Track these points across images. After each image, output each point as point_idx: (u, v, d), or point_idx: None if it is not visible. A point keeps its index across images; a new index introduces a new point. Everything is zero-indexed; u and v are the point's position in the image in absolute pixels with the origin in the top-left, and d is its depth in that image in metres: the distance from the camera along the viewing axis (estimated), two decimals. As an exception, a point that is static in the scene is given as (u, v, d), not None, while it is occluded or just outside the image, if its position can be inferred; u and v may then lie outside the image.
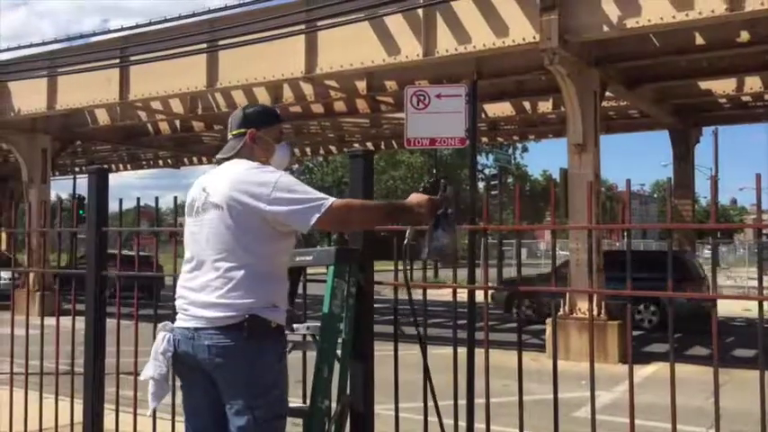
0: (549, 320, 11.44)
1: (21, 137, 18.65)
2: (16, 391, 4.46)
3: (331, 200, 2.62)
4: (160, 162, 27.61)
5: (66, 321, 4.23)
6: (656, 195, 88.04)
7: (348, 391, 2.89)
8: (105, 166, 28.11)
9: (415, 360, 3.20)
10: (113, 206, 4.17)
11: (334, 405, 2.82)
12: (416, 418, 3.27)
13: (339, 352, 2.85)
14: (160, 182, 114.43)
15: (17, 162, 22.49)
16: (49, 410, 4.16)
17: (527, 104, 17.19)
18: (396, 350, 3.29)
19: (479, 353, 4.51)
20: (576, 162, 11.66)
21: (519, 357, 3.11)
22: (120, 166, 29.11)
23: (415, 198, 2.79)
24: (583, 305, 11.00)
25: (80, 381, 3.97)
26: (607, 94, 13.25)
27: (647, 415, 5.87)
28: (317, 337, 2.84)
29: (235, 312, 2.58)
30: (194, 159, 27.05)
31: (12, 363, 4.43)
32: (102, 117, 18.32)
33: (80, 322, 3.96)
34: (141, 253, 4.42)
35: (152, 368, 2.68)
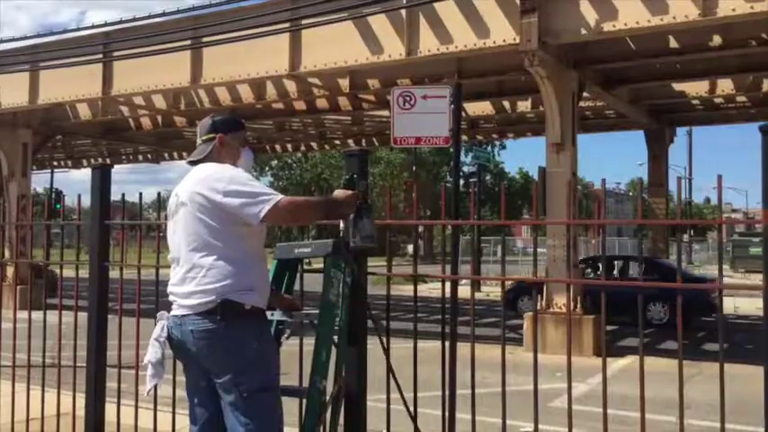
0: (526, 315, 11.75)
1: (1, 131, 18.58)
2: (3, 382, 4.58)
3: (280, 196, 2.86)
4: (140, 157, 27.56)
5: (49, 316, 4.37)
6: (631, 194, 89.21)
7: (343, 374, 3.10)
8: (108, 161, 28.02)
9: (406, 353, 3.40)
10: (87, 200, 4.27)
11: (330, 386, 3.04)
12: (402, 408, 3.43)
13: (336, 337, 3.07)
14: (138, 176, 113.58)
15: (-3, 155, 22.39)
16: (36, 401, 4.28)
17: (506, 104, 17.50)
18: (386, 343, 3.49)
19: (462, 346, 4.73)
20: (554, 160, 11.95)
21: (503, 351, 3.25)
22: (100, 160, 29.01)
23: (341, 192, 3.10)
24: (560, 299, 11.32)
25: (66, 373, 4.11)
26: (584, 94, 13.57)
27: (620, 405, 6.12)
28: (315, 324, 3.05)
29: (211, 297, 2.83)
30: (174, 154, 27.04)
31: None
32: (84, 112, 18.32)
33: (66, 316, 4.13)
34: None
35: (150, 353, 2.96)
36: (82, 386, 4.08)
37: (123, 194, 4.21)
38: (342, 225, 3.18)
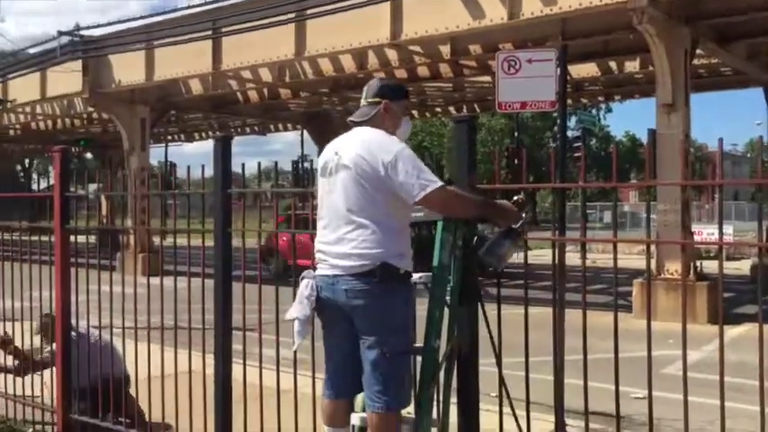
0: (635, 281, 11.48)
1: (121, 107, 19.68)
2: (130, 342, 4.95)
3: (440, 183, 2.95)
4: (247, 129, 28.48)
5: (167, 282, 4.62)
6: (749, 155, 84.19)
7: (456, 334, 3.21)
8: (229, 133, 29.19)
9: (513, 319, 3.42)
10: (197, 173, 4.49)
11: (444, 345, 3.16)
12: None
13: (448, 298, 3.17)
14: (245, 148, 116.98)
15: (115, 132, 23.72)
16: (168, 359, 4.59)
17: (613, 64, 16.91)
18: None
19: (569, 312, 4.70)
20: (665, 122, 11.53)
21: (615, 315, 3.19)
22: (210, 133, 30.20)
23: (508, 204, 3.14)
24: (672, 265, 10.98)
25: (187, 334, 4.38)
26: (698, 51, 12.94)
27: (737, 373, 5.94)
28: (429, 286, 3.16)
29: (367, 261, 2.96)
30: (280, 126, 27.80)
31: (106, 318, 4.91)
32: (196, 87, 19.12)
33: (182, 282, 4.38)
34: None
35: (297, 310, 3.09)
36: (203, 347, 4.33)
37: (243, 164, 4.44)
38: (483, 226, 3.20)
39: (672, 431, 5.00)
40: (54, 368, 5.34)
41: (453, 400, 3.25)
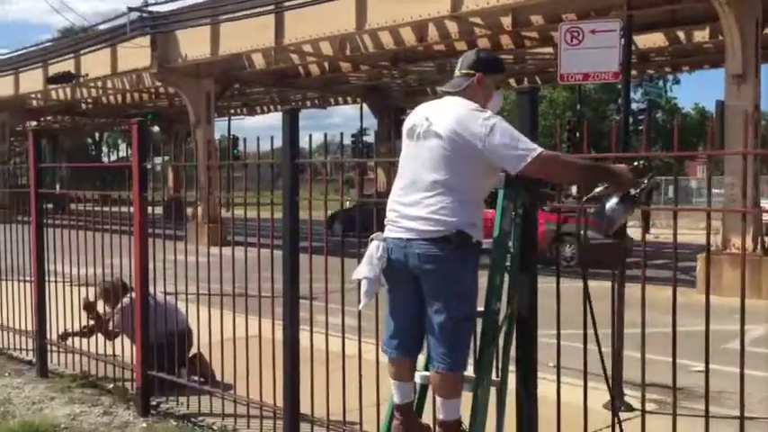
0: (699, 256, 11.31)
1: (187, 81, 20.19)
2: (202, 308, 5.22)
3: (540, 150, 2.97)
4: (308, 103, 28.80)
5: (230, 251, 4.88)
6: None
7: (516, 298, 3.33)
8: (279, 107, 29.63)
9: (570, 292, 3.48)
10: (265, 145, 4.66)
11: (504, 309, 3.28)
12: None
13: (508, 264, 3.29)
14: (304, 122, 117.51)
15: (181, 106, 24.34)
16: (228, 325, 4.81)
17: (681, 34, 16.46)
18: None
19: (629, 286, 4.72)
20: (733, 93, 11.25)
21: (674, 288, 3.23)
22: (271, 107, 30.67)
23: (622, 168, 3.08)
24: (737, 240, 10.78)
25: (252, 301, 4.60)
26: (770, 20, 12.52)
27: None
28: (490, 252, 3.29)
29: (443, 228, 3.04)
30: (339, 100, 28.01)
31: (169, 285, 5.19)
32: (258, 61, 19.46)
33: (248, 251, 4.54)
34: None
35: (366, 270, 3.20)
36: (264, 313, 4.54)
37: (310, 135, 4.60)
38: (599, 190, 3.08)
39: (732, 404, 5.01)
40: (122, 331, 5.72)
41: (512, 368, 3.35)
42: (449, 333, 3.09)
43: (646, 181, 3.05)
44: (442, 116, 3.15)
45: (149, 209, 5.35)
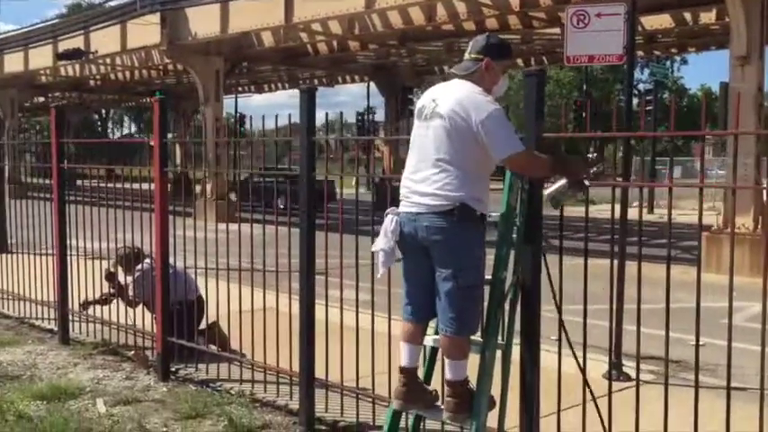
0: (703, 233, 11.50)
1: (197, 59, 20.32)
2: (219, 282, 5.47)
3: (522, 149, 3.28)
4: (315, 81, 28.87)
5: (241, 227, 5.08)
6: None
7: (521, 269, 3.55)
8: (286, 85, 29.68)
9: (573, 270, 3.65)
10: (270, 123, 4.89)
11: (510, 278, 3.52)
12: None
13: (514, 236, 3.51)
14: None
15: (188, 83, 24.48)
16: (246, 298, 5.03)
17: (688, 15, 16.52)
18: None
19: (630, 264, 4.88)
20: (738, 75, 11.37)
21: (699, 266, 3.40)
22: (279, 85, 30.77)
23: (577, 160, 3.49)
24: (739, 219, 10.97)
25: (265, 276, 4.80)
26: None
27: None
28: (498, 225, 3.52)
29: (448, 202, 3.31)
30: (347, 78, 28.08)
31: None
32: (268, 39, 19.56)
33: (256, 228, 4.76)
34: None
35: (383, 242, 3.48)
36: (277, 288, 4.78)
37: (327, 114, 4.80)
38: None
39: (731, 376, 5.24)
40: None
41: (516, 341, 3.57)
42: (456, 299, 3.34)
43: (594, 169, 3.49)
44: (446, 97, 3.40)
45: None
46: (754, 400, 3.18)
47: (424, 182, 3.39)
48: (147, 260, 5.95)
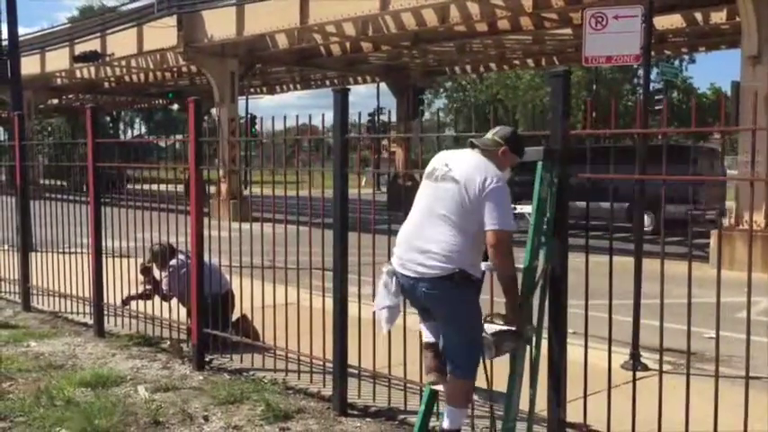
0: (713, 232, 11.66)
1: (213, 61, 20.57)
2: (244, 278, 5.71)
3: (507, 230, 3.44)
4: (327, 82, 29.10)
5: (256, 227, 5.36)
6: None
7: (550, 258, 3.77)
8: (299, 86, 29.86)
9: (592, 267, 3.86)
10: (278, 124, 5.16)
11: (541, 265, 3.73)
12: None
13: (545, 227, 3.72)
14: (318, 101, 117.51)
15: (202, 85, 24.73)
16: (267, 293, 5.34)
17: (698, 15, 16.66)
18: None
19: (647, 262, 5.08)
20: (749, 75, 11.50)
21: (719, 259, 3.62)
22: (291, 86, 31.01)
23: (518, 314, 3.59)
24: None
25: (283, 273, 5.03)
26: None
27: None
28: (529, 215, 3.73)
29: (450, 265, 3.50)
30: (359, 79, 28.29)
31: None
32: (282, 41, 19.80)
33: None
34: None
35: (387, 300, 3.66)
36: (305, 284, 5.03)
37: (359, 113, 5.01)
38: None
39: (741, 366, 5.38)
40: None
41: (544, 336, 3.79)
42: (457, 351, 3.65)
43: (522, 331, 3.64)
44: (461, 164, 3.60)
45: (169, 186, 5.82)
46: (766, 388, 3.37)
47: (426, 239, 3.56)
48: (181, 256, 6.19)
